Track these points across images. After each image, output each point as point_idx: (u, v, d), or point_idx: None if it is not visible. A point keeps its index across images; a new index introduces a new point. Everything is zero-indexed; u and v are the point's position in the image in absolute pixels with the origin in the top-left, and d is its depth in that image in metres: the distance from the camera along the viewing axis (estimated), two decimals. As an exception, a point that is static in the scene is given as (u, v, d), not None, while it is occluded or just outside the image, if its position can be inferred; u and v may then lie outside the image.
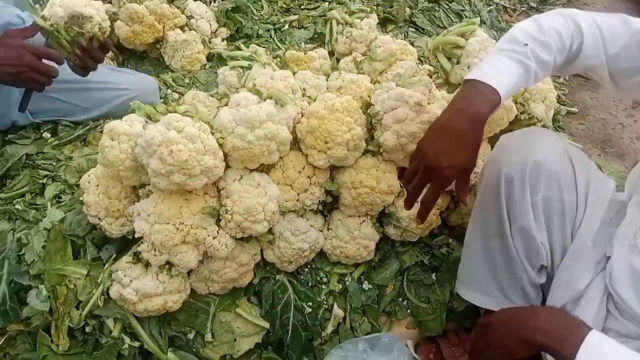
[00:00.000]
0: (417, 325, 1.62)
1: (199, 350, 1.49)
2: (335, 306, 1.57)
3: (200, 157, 1.24)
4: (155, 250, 1.32)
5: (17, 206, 1.53)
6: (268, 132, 1.32)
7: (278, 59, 2.05)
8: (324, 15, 2.58)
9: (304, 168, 1.46)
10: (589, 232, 1.27)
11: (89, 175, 1.48)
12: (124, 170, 1.34)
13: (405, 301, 1.63)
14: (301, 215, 1.51)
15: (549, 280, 1.37)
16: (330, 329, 1.57)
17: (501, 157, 1.30)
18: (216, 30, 2.33)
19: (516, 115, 1.61)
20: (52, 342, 1.42)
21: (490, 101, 1.12)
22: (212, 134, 1.30)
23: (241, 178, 1.38)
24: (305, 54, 2.09)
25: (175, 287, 1.40)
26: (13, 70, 1.42)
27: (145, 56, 2.26)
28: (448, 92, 1.55)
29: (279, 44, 2.41)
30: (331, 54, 2.30)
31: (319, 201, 1.50)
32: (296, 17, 2.54)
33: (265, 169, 1.43)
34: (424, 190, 1.20)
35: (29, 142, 1.71)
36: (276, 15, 2.55)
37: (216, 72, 2.22)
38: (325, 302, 1.57)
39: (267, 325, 1.51)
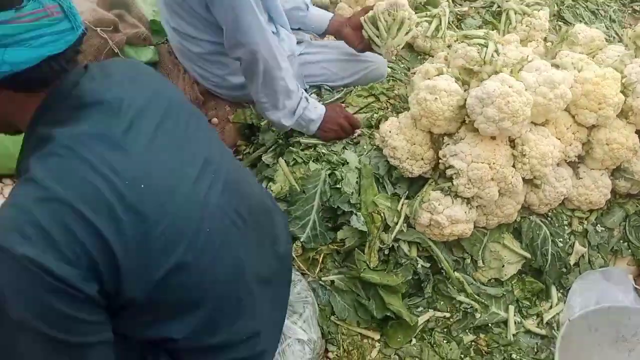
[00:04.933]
0: (635, 263, 1.94)
1: (471, 274, 1.81)
2: (577, 244, 1.89)
3: (525, 109, 1.56)
4: (469, 184, 1.64)
5: (322, 150, 1.86)
6: (562, 92, 1.64)
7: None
8: (488, 7, 2.92)
9: (570, 125, 1.78)
10: None
11: (387, 126, 1.80)
12: (442, 119, 1.66)
13: (627, 242, 1.95)
14: (558, 165, 1.83)
15: None
16: (572, 262, 1.89)
17: None
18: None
19: None
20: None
21: None
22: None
23: (530, 130, 1.70)
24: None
25: (472, 217, 1.72)
26: (333, 136, 1.92)
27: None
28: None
29: (455, 30, 2.74)
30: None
31: (577, 154, 1.82)
32: (465, 9, 2.88)
33: (544, 124, 1.75)
34: None
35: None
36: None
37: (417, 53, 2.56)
38: (568, 240, 1.89)
39: (528, 255, 1.83)
